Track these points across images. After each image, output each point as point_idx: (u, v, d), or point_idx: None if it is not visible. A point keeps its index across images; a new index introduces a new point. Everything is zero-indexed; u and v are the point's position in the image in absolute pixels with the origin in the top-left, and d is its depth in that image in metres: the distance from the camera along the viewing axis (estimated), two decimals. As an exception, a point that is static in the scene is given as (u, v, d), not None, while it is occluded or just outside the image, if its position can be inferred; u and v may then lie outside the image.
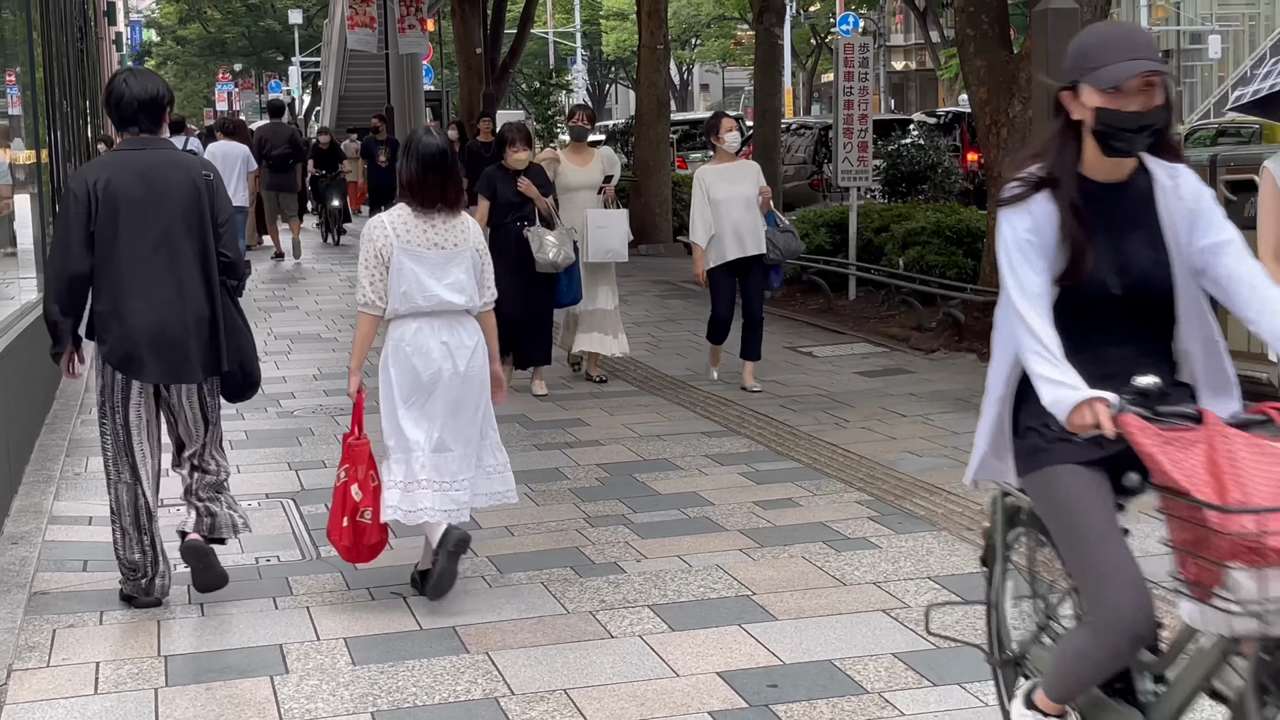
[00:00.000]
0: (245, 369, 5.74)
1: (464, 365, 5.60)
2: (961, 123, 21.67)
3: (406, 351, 5.59)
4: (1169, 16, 58.62)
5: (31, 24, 10.94)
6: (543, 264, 9.52)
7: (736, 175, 9.72)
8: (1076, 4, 9.05)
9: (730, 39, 61.22)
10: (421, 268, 5.56)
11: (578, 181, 10.30)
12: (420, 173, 5.61)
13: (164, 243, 5.48)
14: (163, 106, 5.67)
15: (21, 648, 5.17)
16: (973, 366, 10.40)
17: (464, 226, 5.71)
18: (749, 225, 9.61)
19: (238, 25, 63.10)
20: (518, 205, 9.64)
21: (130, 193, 5.46)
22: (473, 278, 5.67)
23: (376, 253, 5.59)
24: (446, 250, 5.61)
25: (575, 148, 10.54)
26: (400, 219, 5.62)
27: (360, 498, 5.59)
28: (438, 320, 5.61)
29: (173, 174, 5.54)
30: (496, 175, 9.73)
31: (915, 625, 5.16)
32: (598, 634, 5.19)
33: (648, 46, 19.36)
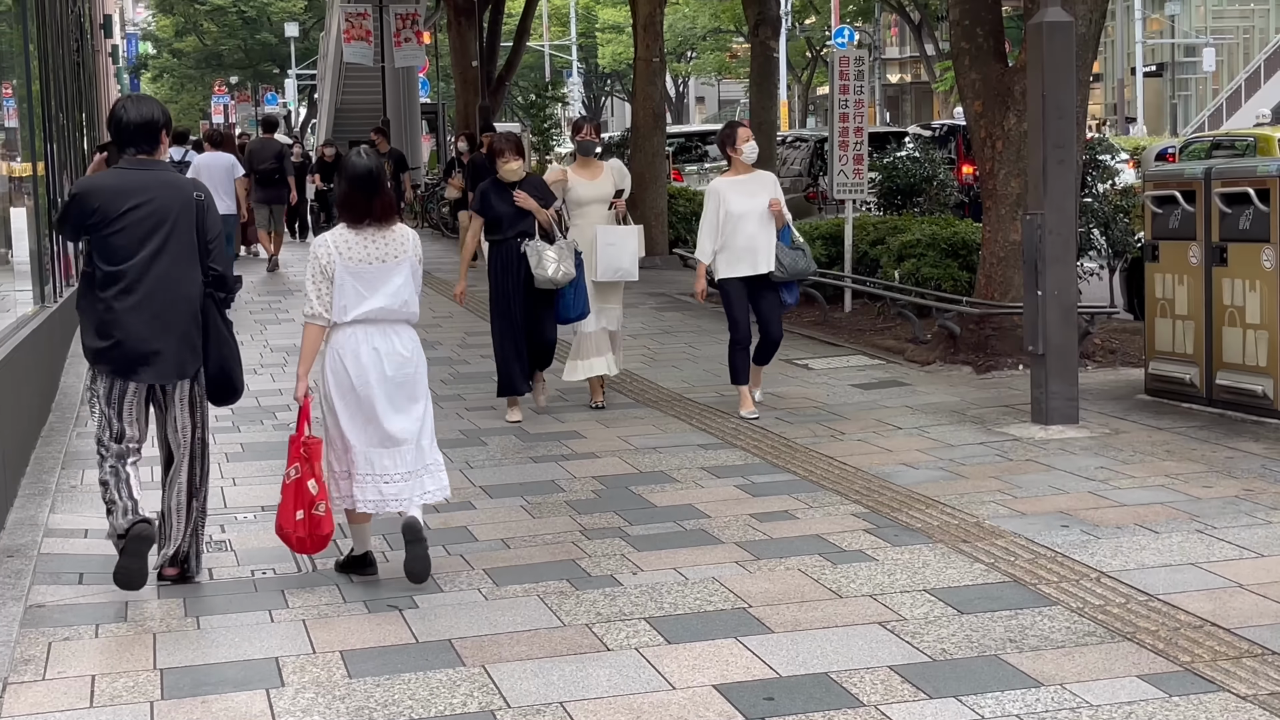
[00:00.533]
0: (229, 376, 6.14)
1: (392, 370, 6.00)
2: (957, 136, 21.68)
3: (340, 355, 6.02)
4: (1163, 29, 58.75)
5: (28, 36, 10.96)
6: (541, 280, 9.22)
7: (754, 187, 9.32)
8: (1071, 17, 9.07)
9: (726, 52, 61.32)
10: (360, 282, 5.99)
11: (589, 195, 9.89)
12: (349, 191, 6.06)
13: (156, 256, 5.90)
14: (158, 130, 6.07)
15: (17, 661, 5.16)
16: (968, 379, 10.41)
17: (402, 238, 6.11)
18: (764, 241, 9.23)
19: (234, 38, 63.14)
20: (516, 220, 9.34)
21: (124, 208, 5.89)
22: (410, 285, 6.08)
23: (321, 269, 6.01)
24: (387, 263, 6.03)
25: (583, 161, 10.10)
26: (341, 237, 6.05)
27: (316, 491, 5.95)
28: (373, 328, 6.02)
29: (166, 194, 5.97)
30: (491, 190, 9.43)
31: (912, 638, 5.16)
32: (594, 647, 5.19)
33: (643, 59, 19.39)
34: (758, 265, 9.24)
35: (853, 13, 54.29)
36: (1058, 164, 8.74)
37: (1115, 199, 13.10)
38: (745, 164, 9.32)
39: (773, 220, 9.27)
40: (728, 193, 9.27)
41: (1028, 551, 6.14)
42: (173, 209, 5.94)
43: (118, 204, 5.90)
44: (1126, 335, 11.56)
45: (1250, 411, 8.62)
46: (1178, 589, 5.57)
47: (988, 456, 8.02)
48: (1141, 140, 35.20)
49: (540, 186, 9.54)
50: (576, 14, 66.26)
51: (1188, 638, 5.05)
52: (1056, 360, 8.65)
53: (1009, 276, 10.75)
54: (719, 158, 29.66)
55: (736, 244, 9.22)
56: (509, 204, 9.30)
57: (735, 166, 9.38)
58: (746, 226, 9.19)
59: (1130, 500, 6.93)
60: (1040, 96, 8.75)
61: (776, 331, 9.47)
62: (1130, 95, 56.92)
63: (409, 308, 6.09)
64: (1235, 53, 57.28)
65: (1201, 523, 6.47)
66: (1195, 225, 8.96)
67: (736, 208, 9.20)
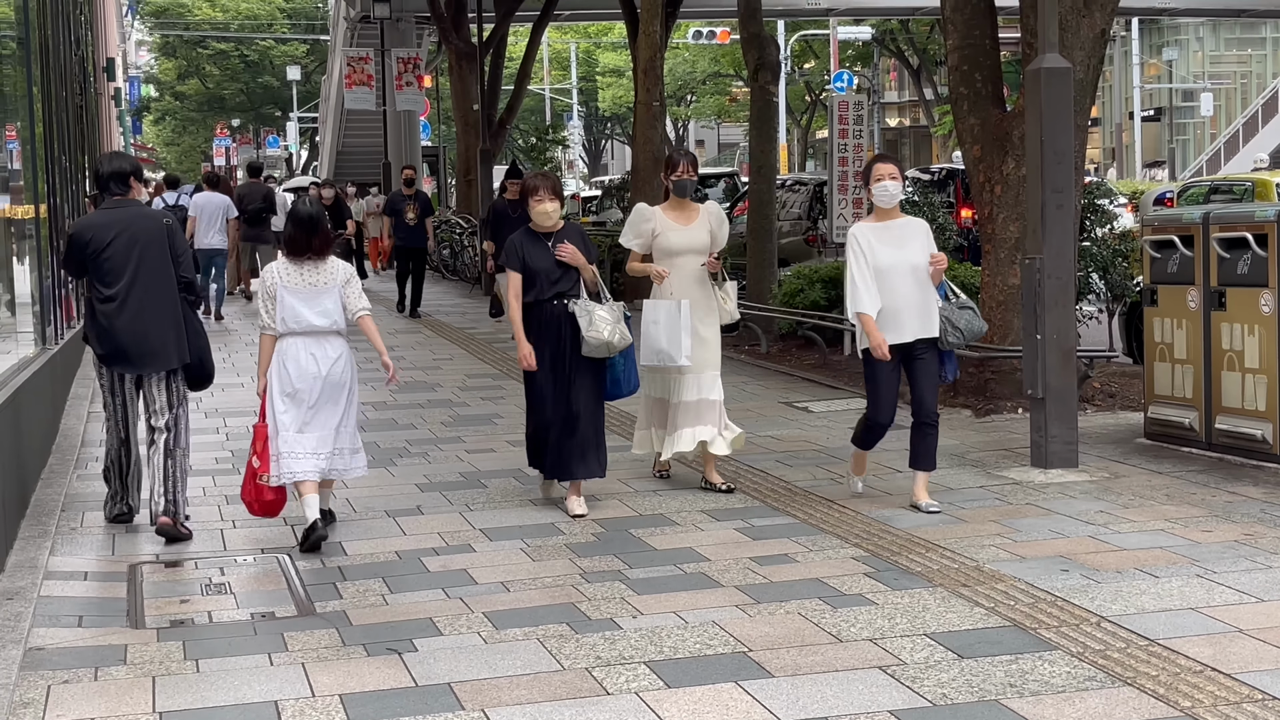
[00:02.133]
0: (203, 363, 7.85)
1: (326, 371, 7.48)
2: (955, 179, 21.76)
3: (284, 359, 7.48)
4: (1161, 74, 59.04)
5: (32, 79, 11.02)
6: (594, 345, 7.79)
7: (903, 236, 7.77)
8: (1069, 63, 9.13)
9: (725, 96, 61.63)
10: (297, 300, 7.49)
11: (681, 244, 8.33)
12: (294, 231, 7.56)
13: (138, 273, 7.52)
14: (127, 176, 7.74)
15: (16, 704, 5.15)
16: (968, 422, 10.42)
17: (331, 269, 7.61)
18: (918, 300, 7.69)
19: (236, 81, 63.48)
20: (556, 276, 7.91)
21: (109, 239, 7.52)
22: (339, 306, 7.55)
23: (267, 291, 7.54)
24: (318, 287, 7.54)
25: (676, 203, 8.44)
26: (284, 265, 7.59)
27: (258, 466, 7.40)
28: (309, 338, 7.51)
29: (141, 223, 7.64)
30: (524, 242, 7.96)
31: (912, 682, 5.15)
32: (594, 690, 5.18)
33: (644, 103, 19.49)
34: (911, 330, 7.71)
35: (852, 57, 54.62)
36: (1056, 208, 8.78)
37: (1114, 243, 13.15)
38: (885, 207, 7.82)
39: (928, 276, 7.77)
40: (873, 242, 7.72)
41: (1028, 596, 6.14)
42: (147, 234, 7.57)
43: (104, 236, 7.52)
44: (1126, 379, 11.57)
45: (1250, 456, 8.63)
46: (1178, 634, 5.56)
47: (987, 500, 8.02)
48: (1141, 185, 35.32)
49: (582, 236, 8.12)
50: (577, 58, 66.62)
51: (1188, 683, 5.04)
52: (1056, 404, 8.66)
53: (1008, 320, 10.78)
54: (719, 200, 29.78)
55: (885, 305, 7.68)
56: (546, 258, 7.92)
57: (876, 211, 7.90)
58: (897, 283, 7.66)
59: (1130, 544, 6.93)
60: (1039, 141, 8.80)
61: (932, 404, 7.81)
62: (1129, 140, 57.17)
63: (338, 324, 7.55)
64: (1233, 98, 57.59)
65: (1202, 567, 6.46)
66: (1194, 270, 8.99)
67: (883, 260, 7.68)
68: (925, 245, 7.77)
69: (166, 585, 6.74)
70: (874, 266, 7.66)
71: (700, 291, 8.37)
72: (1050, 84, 8.78)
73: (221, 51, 62.05)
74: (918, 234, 7.84)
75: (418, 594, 6.47)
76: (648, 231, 8.40)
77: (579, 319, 7.80)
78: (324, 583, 6.69)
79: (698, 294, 8.35)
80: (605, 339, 7.79)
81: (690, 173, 8.44)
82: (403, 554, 7.20)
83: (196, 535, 7.72)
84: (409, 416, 11.53)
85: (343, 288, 7.60)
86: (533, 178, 8.14)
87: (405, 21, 33.71)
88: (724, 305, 8.50)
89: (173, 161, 70.42)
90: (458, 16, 27.80)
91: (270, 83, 63.86)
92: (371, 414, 11.72)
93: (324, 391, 7.47)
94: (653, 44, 19.29)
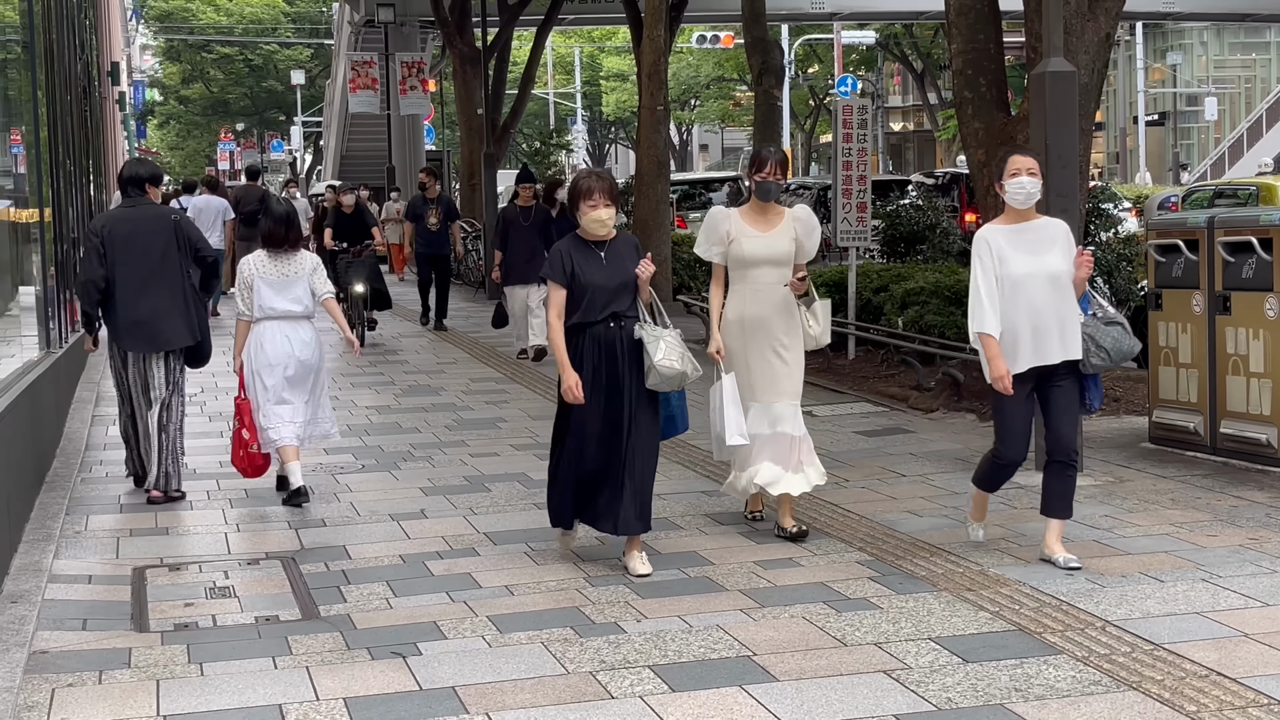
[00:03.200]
0: (200, 346, 8.73)
1: (298, 352, 8.47)
2: (959, 184, 21.79)
3: (261, 342, 8.47)
4: (1165, 79, 59.04)
5: (36, 84, 11.03)
6: (667, 377, 6.65)
7: (1041, 240, 6.62)
8: (1074, 67, 9.12)
9: (729, 100, 61.68)
10: (272, 290, 8.47)
11: (760, 254, 7.24)
12: (272, 227, 8.59)
13: (148, 263, 8.50)
14: (143, 181, 8.76)
15: (20, 707, 5.15)
16: (972, 426, 10.41)
17: (301, 260, 8.60)
18: (1056, 316, 6.52)
19: (240, 85, 63.54)
20: (612, 293, 6.71)
21: (125, 233, 8.51)
22: (308, 293, 8.54)
23: (244, 281, 8.54)
24: (290, 277, 8.53)
25: (757, 207, 7.38)
26: (260, 258, 8.58)
27: (248, 437, 8.43)
28: (283, 322, 8.49)
29: (152, 221, 8.62)
30: (572, 251, 6.77)
31: (916, 687, 5.14)
32: (598, 694, 5.17)
33: (647, 107, 19.49)
34: (1049, 352, 6.55)
35: (856, 62, 54.63)
36: (1061, 213, 8.75)
37: (1118, 247, 13.14)
38: (1021, 208, 6.69)
39: (1071, 287, 6.63)
40: (1005, 248, 6.59)
41: (1033, 600, 6.13)
42: (154, 228, 8.54)
43: (120, 230, 8.53)
44: (1130, 383, 11.56)
45: (1254, 460, 8.62)
46: (1183, 638, 5.55)
47: (992, 504, 8.00)
48: (1145, 189, 35.31)
49: (635, 248, 6.92)
50: (581, 62, 66.66)
51: (1194, 687, 5.03)
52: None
53: (1012, 324, 10.75)
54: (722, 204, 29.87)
55: (1018, 323, 6.53)
56: (599, 271, 6.73)
57: (1008, 211, 6.75)
58: (1033, 296, 6.51)
59: (1135, 549, 6.92)
60: (1043, 145, 8.78)
61: (1071, 437, 6.63)
62: (1132, 144, 57.17)
63: (308, 309, 8.56)
64: (1237, 102, 57.59)
65: (1207, 571, 6.45)
66: (1198, 274, 8.98)
67: (1017, 269, 6.55)
68: (1067, 250, 6.64)
69: (170, 588, 6.74)
70: (1006, 277, 6.52)
71: (781, 310, 7.28)
72: (1055, 88, 8.77)
73: (226, 56, 62.09)
74: (1058, 237, 6.66)
75: (422, 597, 6.46)
76: (724, 237, 7.31)
77: (647, 345, 6.65)
78: (328, 586, 6.69)
79: (777, 313, 7.28)
80: (679, 369, 6.65)
81: (778, 174, 7.36)
82: (407, 557, 7.20)
83: (200, 539, 7.73)
84: (413, 420, 11.53)
85: (310, 276, 8.60)
86: (586, 177, 6.86)
87: (409, 26, 33.74)
88: (809, 328, 7.40)
89: (177, 166, 70.48)
90: (462, 21, 27.83)
91: (274, 87, 63.91)
92: (375, 418, 11.72)
93: (297, 369, 8.47)
94: (657, 48, 19.30)
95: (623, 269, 6.75)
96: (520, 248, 14.97)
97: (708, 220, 7.48)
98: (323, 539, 7.64)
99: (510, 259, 15.10)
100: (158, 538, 7.79)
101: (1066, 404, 6.61)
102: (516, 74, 34.69)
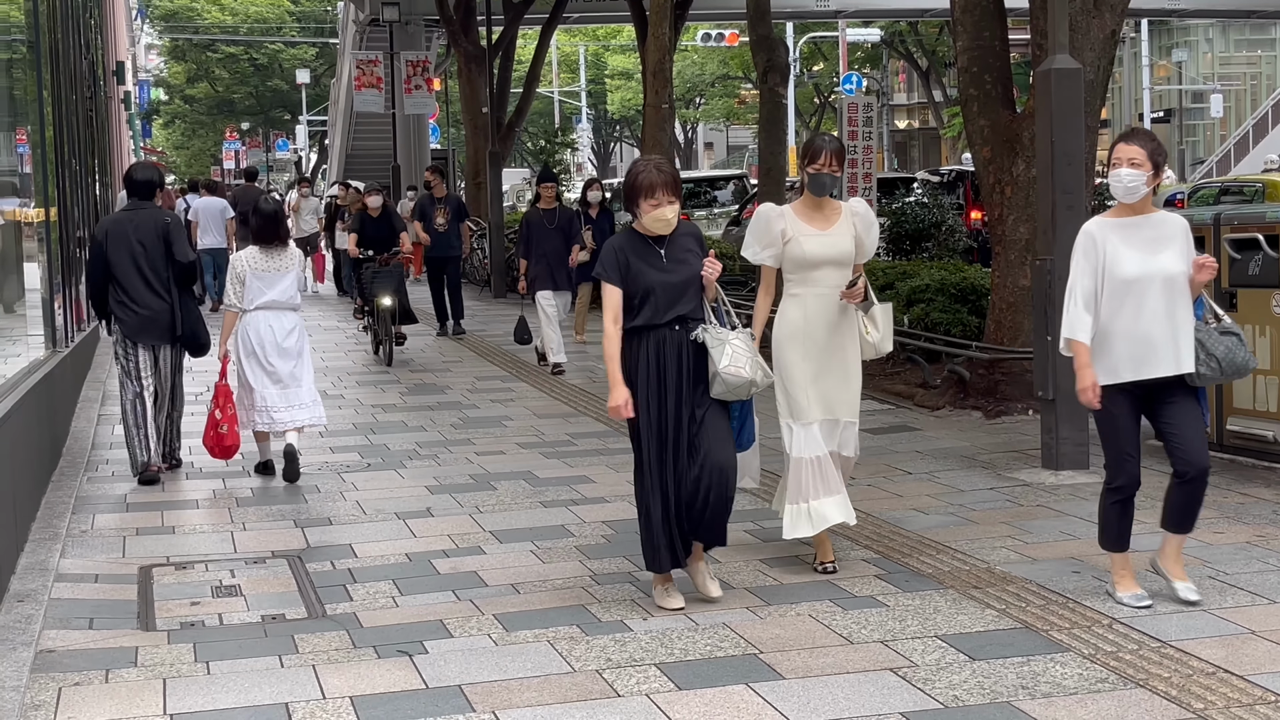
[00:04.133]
0: (196, 336, 9.42)
1: (283, 340, 9.24)
2: (965, 181, 21.77)
3: (249, 330, 9.25)
4: (1171, 76, 58.98)
5: (42, 83, 11.04)
6: (734, 385, 6.00)
7: (1156, 238, 5.90)
8: (1080, 64, 9.11)
9: (734, 98, 61.65)
10: (262, 283, 9.26)
11: (819, 253, 6.54)
12: (263, 224, 9.40)
13: (143, 263, 9.20)
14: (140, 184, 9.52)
15: (27, 706, 5.15)
16: (978, 424, 10.40)
17: (290, 255, 9.45)
18: (1169, 323, 5.83)
19: (245, 85, 63.55)
20: (675, 294, 6.04)
21: (124, 235, 9.23)
22: (294, 286, 9.37)
23: (237, 275, 9.30)
24: (279, 271, 9.32)
25: (812, 202, 6.64)
26: (252, 253, 9.35)
27: (220, 418, 9.08)
28: (270, 312, 9.27)
29: (147, 223, 9.29)
30: (628, 247, 6.09)
31: (923, 684, 5.14)
32: (604, 693, 5.17)
33: (652, 105, 19.48)
34: (1160, 362, 5.85)
35: (861, 59, 54.62)
36: (1067, 209, 8.76)
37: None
38: (1126, 201, 5.93)
39: (1188, 290, 5.94)
40: (1116, 245, 5.90)
41: (1039, 597, 6.12)
42: (150, 231, 9.22)
43: (120, 230, 9.26)
44: (1136, 380, 11.55)
45: (1261, 457, 8.60)
46: (1190, 635, 5.54)
47: (998, 502, 8.01)
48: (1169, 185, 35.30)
49: (698, 240, 6.24)
50: (586, 61, 66.65)
51: (1201, 684, 5.03)
52: (1067, 405, 8.64)
53: (1018, 321, 10.76)
54: (727, 203, 29.80)
55: (1124, 329, 5.85)
56: (661, 269, 6.07)
57: (1119, 204, 6.01)
58: (1146, 300, 5.83)
59: (1142, 546, 6.91)
60: (1049, 143, 8.78)
61: (1199, 453, 5.87)
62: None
63: (294, 301, 9.38)
64: (1243, 99, 57.53)
65: (1213, 569, 6.44)
66: (1204, 271, 8.95)
67: (1128, 269, 5.85)
68: (1184, 250, 5.91)
69: (177, 587, 6.74)
70: (1113, 277, 5.85)
71: (844, 316, 6.61)
72: (1060, 85, 8.76)
73: (231, 55, 62.11)
74: (1176, 235, 5.93)
75: (428, 596, 6.47)
76: (778, 237, 6.56)
77: (711, 351, 6.00)
78: (334, 585, 6.69)
79: (841, 319, 6.60)
80: (748, 377, 6.00)
81: (834, 166, 6.57)
82: (413, 556, 7.20)
83: (206, 538, 7.74)
84: (418, 419, 11.54)
85: (298, 270, 9.55)
86: (645, 170, 6.07)
87: (414, 24, 33.75)
88: (867, 335, 6.69)
89: (183, 165, 70.52)
90: (466, 19, 27.83)
91: (279, 86, 63.91)
92: (381, 416, 11.72)
93: (285, 355, 9.25)
94: (661, 46, 19.29)
95: (686, 265, 6.07)
96: (544, 253, 14.20)
97: (757, 218, 6.69)
98: (329, 537, 7.65)
99: (536, 266, 14.22)
100: (164, 536, 7.79)
101: (1188, 414, 5.87)
102: (521, 72, 34.67)
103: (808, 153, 6.66)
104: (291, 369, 9.28)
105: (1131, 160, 5.86)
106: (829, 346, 6.56)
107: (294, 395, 9.24)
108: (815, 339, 6.54)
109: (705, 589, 6.21)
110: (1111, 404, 5.84)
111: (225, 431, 9.10)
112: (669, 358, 6.03)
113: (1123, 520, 5.97)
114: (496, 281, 23.70)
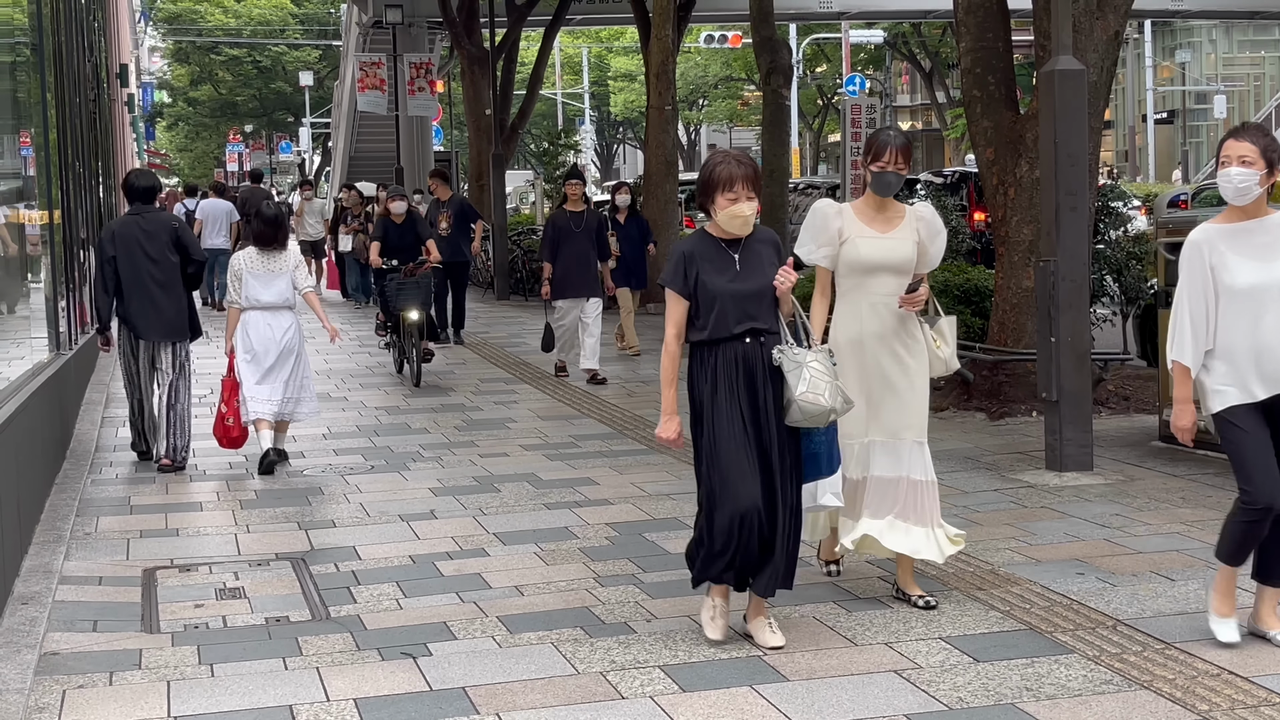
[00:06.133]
0: (194, 326, 9.81)
1: (279, 337, 9.65)
2: (968, 182, 21.73)
3: (248, 328, 9.67)
4: (1174, 77, 58.95)
5: (45, 86, 11.04)
6: (811, 414, 5.43)
7: (1270, 243, 5.33)
8: (1083, 65, 9.11)
9: (737, 100, 61.63)
10: (258, 282, 9.67)
11: (877, 256, 6.04)
12: (263, 228, 9.81)
13: (152, 264, 9.55)
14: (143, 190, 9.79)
15: (31, 709, 5.15)
16: (981, 425, 10.40)
17: (285, 256, 9.80)
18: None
19: (249, 87, 63.55)
20: (748, 305, 5.51)
21: (132, 237, 9.57)
22: (290, 286, 9.70)
23: (235, 274, 9.73)
24: (275, 272, 9.71)
25: (874, 202, 6.13)
26: (249, 254, 9.80)
27: (226, 411, 9.61)
28: (267, 311, 9.68)
29: (156, 227, 9.66)
30: (697, 252, 5.58)
31: (927, 686, 5.14)
32: (608, 695, 5.17)
33: (656, 107, 19.51)
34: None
35: (864, 61, 54.58)
36: (1070, 211, 8.76)
37: (1128, 245, 13.11)
38: (1236, 204, 5.37)
39: None
40: (1227, 254, 5.34)
41: (1043, 599, 6.12)
42: (158, 234, 9.58)
43: (128, 232, 9.58)
44: (1140, 382, 11.54)
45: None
46: (1195, 637, 5.54)
47: (1002, 503, 8.00)
48: (1152, 187, 35.26)
49: (775, 248, 5.68)
50: (589, 62, 66.67)
51: (1206, 686, 5.02)
52: (1070, 407, 8.64)
53: (1022, 323, 10.76)
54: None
55: (1243, 344, 5.33)
56: (733, 276, 5.54)
57: (1229, 208, 5.44)
58: (1262, 311, 5.28)
59: (1146, 547, 6.91)
60: (1052, 144, 8.78)
61: None
62: (1142, 143, 57.09)
63: (289, 300, 9.71)
64: (1246, 99, 57.50)
65: (1218, 570, 6.42)
66: (1208, 272, 8.93)
67: (1239, 278, 5.30)
68: None
69: (181, 590, 6.74)
70: (1225, 289, 5.31)
71: (904, 326, 6.09)
72: (1064, 86, 8.76)
73: (234, 57, 62.10)
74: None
75: (432, 598, 6.47)
76: (835, 235, 6.08)
77: (787, 375, 5.43)
78: (338, 587, 6.69)
79: (901, 329, 6.09)
80: (827, 405, 5.41)
81: (901, 164, 6.01)
82: (416, 558, 7.20)
83: (210, 540, 7.74)
84: (422, 421, 11.54)
85: (293, 271, 9.79)
86: (724, 163, 5.58)
87: (417, 26, 33.74)
88: (935, 349, 6.19)
89: (186, 167, 70.57)
90: (470, 21, 27.84)
91: (283, 88, 63.91)
92: (385, 418, 11.73)
93: (282, 352, 9.63)
94: (665, 48, 19.31)
95: (760, 273, 5.52)
96: (571, 257, 13.40)
97: (813, 215, 6.17)
98: (332, 540, 7.65)
99: (560, 271, 13.41)
100: (168, 539, 7.80)
101: None
102: (524, 74, 34.69)
103: (871, 148, 6.10)
104: (290, 367, 9.68)
105: (1243, 158, 5.29)
106: (892, 359, 6.06)
107: (289, 388, 9.68)
108: (875, 351, 6.03)
109: (766, 640, 5.58)
110: (1243, 423, 5.32)
111: (231, 424, 9.63)
112: (742, 374, 5.49)
113: (1248, 538, 5.34)
114: (500, 284, 23.71)
